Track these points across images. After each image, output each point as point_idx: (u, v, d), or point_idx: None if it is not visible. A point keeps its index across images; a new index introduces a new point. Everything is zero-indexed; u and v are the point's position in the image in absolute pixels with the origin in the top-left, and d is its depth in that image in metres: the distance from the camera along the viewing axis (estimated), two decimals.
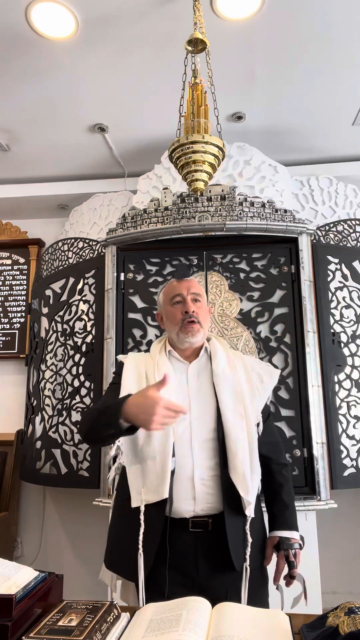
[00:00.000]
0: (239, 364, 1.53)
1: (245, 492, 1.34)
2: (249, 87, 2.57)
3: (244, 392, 1.46)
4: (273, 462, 1.52)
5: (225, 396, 1.44)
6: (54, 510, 3.36)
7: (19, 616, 0.88)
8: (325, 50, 2.30)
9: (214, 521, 1.35)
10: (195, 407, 1.44)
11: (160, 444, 1.37)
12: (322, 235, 2.79)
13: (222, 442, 1.39)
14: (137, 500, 1.36)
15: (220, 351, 1.54)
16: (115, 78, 2.48)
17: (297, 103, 2.69)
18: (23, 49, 2.27)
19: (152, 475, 1.36)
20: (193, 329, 1.49)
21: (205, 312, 1.55)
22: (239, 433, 1.39)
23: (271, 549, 1.44)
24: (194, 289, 1.55)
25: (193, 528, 1.35)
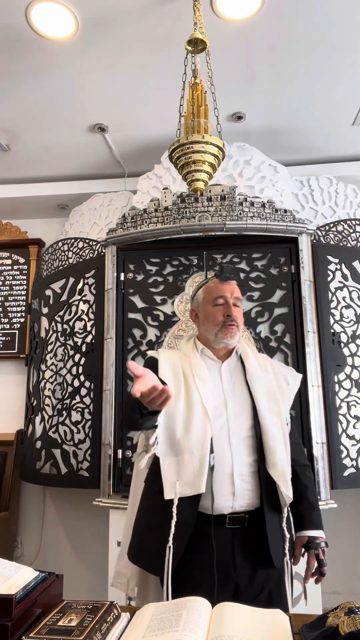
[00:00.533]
0: (268, 365, 1.57)
1: (286, 488, 1.37)
2: (249, 87, 2.57)
3: (275, 391, 1.50)
4: (297, 464, 1.53)
5: (260, 395, 1.47)
6: (54, 510, 3.36)
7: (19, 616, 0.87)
8: (325, 50, 2.30)
9: (251, 517, 1.38)
10: (231, 405, 1.46)
11: (199, 439, 1.39)
12: (322, 235, 2.79)
13: (260, 439, 1.42)
14: (171, 493, 1.37)
15: (250, 353, 1.58)
16: (115, 78, 2.48)
17: (297, 103, 2.69)
18: (23, 49, 2.27)
19: (189, 469, 1.37)
20: (232, 331, 1.53)
21: (242, 317, 1.60)
22: (276, 431, 1.43)
23: (300, 548, 1.46)
24: (236, 294, 1.58)
25: (230, 525, 1.37)
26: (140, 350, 2.63)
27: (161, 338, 2.62)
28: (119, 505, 2.40)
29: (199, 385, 1.46)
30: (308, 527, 1.47)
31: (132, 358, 2.63)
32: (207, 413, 1.41)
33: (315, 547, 1.44)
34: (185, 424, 1.41)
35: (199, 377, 1.49)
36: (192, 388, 1.47)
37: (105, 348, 2.64)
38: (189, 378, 1.49)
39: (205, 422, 1.41)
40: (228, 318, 1.53)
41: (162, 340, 2.61)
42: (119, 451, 2.52)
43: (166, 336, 2.61)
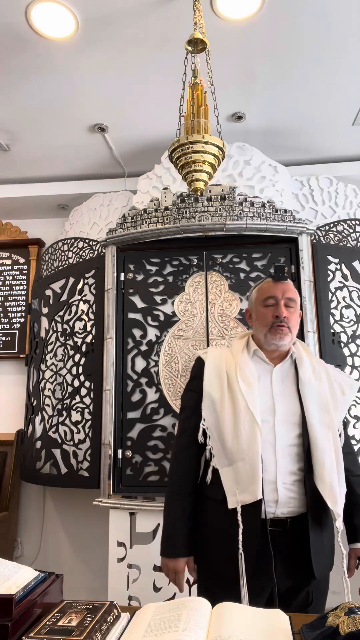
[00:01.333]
0: (323, 373, 1.52)
1: (333, 503, 1.33)
2: (249, 87, 2.56)
3: (329, 403, 1.45)
4: (352, 474, 1.50)
5: (311, 405, 1.43)
6: (54, 510, 3.36)
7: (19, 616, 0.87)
8: (325, 50, 2.30)
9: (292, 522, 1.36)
10: (279, 411, 1.43)
11: (249, 445, 1.37)
12: (322, 235, 2.79)
13: (307, 449, 1.39)
14: (233, 502, 1.36)
15: (305, 358, 1.53)
16: (115, 78, 2.48)
17: (298, 103, 2.69)
18: (23, 49, 2.27)
19: (244, 476, 1.36)
20: (282, 332, 1.48)
21: (296, 318, 1.55)
22: (325, 444, 1.39)
23: (354, 560, 1.44)
24: (289, 294, 1.53)
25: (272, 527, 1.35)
26: (140, 350, 2.63)
27: (161, 338, 2.62)
28: (119, 505, 2.41)
29: (243, 389, 1.43)
30: None
31: (132, 358, 2.63)
32: (254, 417, 1.38)
33: None
34: (234, 431, 1.40)
35: (244, 380, 1.45)
36: (237, 392, 1.43)
37: (105, 348, 2.64)
38: (232, 382, 1.46)
39: (254, 426, 1.38)
40: (277, 319, 1.49)
41: (162, 340, 2.61)
42: (119, 451, 2.52)
43: (166, 336, 2.61)
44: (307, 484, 1.36)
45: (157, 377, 2.58)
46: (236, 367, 1.48)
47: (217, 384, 1.47)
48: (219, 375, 1.49)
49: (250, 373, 1.47)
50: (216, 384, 1.47)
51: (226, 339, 2.55)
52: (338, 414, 1.46)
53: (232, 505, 1.36)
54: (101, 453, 2.54)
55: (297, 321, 1.56)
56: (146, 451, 2.50)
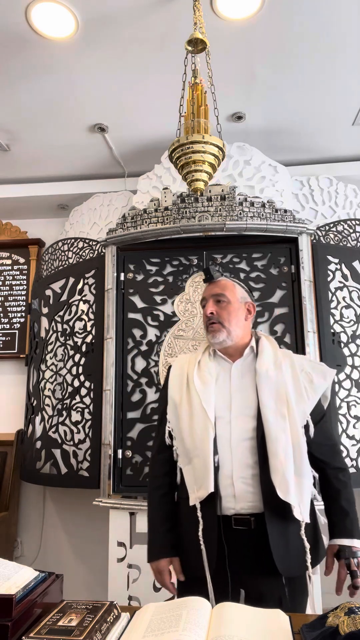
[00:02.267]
0: (285, 363, 1.50)
1: (284, 493, 1.31)
2: (249, 87, 2.57)
3: (288, 393, 1.44)
4: (328, 467, 1.49)
5: (265, 396, 1.42)
6: (54, 510, 3.36)
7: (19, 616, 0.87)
8: (325, 50, 2.30)
9: (257, 520, 1.35)
10: (235, 406, 1.44)
11: (201, 441, 1.39)
12: (322, 235, 2.79)
13: (262, 442, 1.38)
14: (193, 499, 1.39)
15: (266, 351, 1.52)
16: (115, 78, 2.48)
17: (297, 103, 2.69)
18: (23, 49, 2.27)
19: (199, 472, 1.38)
20: (213, 329, 1.51)
21: (232, 311, 1.53)
22: (280, 434, 1.38)
23: (332, 557, 1.41)
24: (215, 290, 1.56)
25: (236, 525, 1.36)
26: (140, 350, 2.63)
27: (161, 338, 2.62)
28: (119, 505, 2.41)
29: (198, 388, 1.46)
30: (340, 535, 1.41)
31: (132, 358, 2.63)
32: (206, 414, 1.41)
33: (347, 557, 1.37)
34: (190, 430, 1.43)
35: (200, 378, 1.48)
36: (192, 392, 1.47)
37: (105, 348, 2.64)
38: (190, 382, 1.49)
39: (206, 422, 1.40)
40: (206, 318, 1.53)
41: (162, 340, 2.61)
42: (119, 451, 2.52)
43: (166, 336, 2.61)
44: (262, 477, 1.36)
45: (157, 377, 2.58)
46: (196, 367, 1.52)
47: (178, 387, 1.51)
48: (181, 378, 1.53)
49: (207, 372, 1.49)
50: (177, 387, 1.52)
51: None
52: (302, 404, 1.44)
53: (191, 502, 1.38)
54: (101, 453, 2.54)
55: (235, 314, 1.53)
56: (146, 451, 2.50)
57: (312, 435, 1.45)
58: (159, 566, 1.44)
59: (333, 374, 1.55)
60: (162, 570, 1.44)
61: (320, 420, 1.50)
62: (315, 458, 1.46)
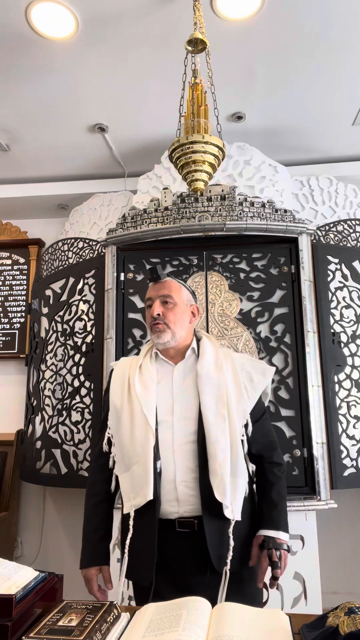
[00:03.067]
0: (226, 364, 1.50)
1: (221, 495, 1.32)
2: (249, 87, 2.56)
3: (229, 393, 1.44)
4: (265, 461, 1.50)
5: (207, 398, 1.42)
6: (54, 510, 3.36)
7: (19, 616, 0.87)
8: (325, 50, 2.30)
9: (200, 522, 1.35)
10: (177, 410, 1.44)
11: (142, 447, 1.38)
12: (322, 235, 2.79)
13: (203, 444, 1.38)
14: (127, 507, 1.39)
15: (208, 352, 1.51)
16: (115, 78, 2.48)
17: (298, 103, 2.69)
18: (23, 49, 2.27)
19: (138, 479, 1.37)
20: (158, 329, 1.49)
21: (177, 313, 1.52)
22: (219, 435, 1.37)
23: (256, 548, 1.41)
24: (163, 291, 1.54)
25: (179, 528, 1.36)
26: (140, 351, 2.63)
27: None
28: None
29: (139, 393, 1.44)
30: (265, 527, 1.42)
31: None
32: (147, 420, 1.39)
33: (269, 548, 1.37)
34: (130, 436, 1.41)
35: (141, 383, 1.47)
36: (133, 397, 1.45)
37: (105, 348, 2.64)
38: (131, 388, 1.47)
39: (147, 429, 1.39)
40: (152, 318, 1.51)
41: None
42: None
43: None
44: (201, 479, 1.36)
45: None
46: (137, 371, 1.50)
47: (120, 392, 1.49)
48: (122, 382, 1.51)
49: (149, 376, 1.48)
50: (119, 392, 1.49)
51: (226, 339, 2.55)
52: (243, 404, 1.44)
53: (126, 510, 1.38)
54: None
55: (181, 316, 1.52)
56: None
57: (249, 434, 1.45)
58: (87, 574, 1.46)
59: (272, 371, 1.56)
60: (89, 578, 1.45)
61: (261, 418, 1.52)
62: (253, 454, 1.48)
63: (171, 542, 1.36)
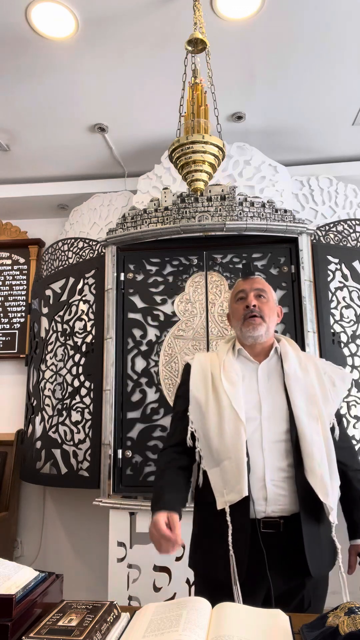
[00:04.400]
0: (310, 365, 1.50)
1: (324, 496, 1.30)
2: (249, 87, 2.56)
3: (317, 394, 1.43)
4: (349, 469, 1.48)
5: (297, 398, 1.41)
6: (54, 510, 3.36)
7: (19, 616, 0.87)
8: (325, 50, 2.30)
9: (286, 523, 1.33)
10: (265, 407, 1.42)
11: (233, 443, 1.36)
12: (322, 235, 2.79)
13: (296, 444, 1.37)
14: (221, 503, 1.34)
15: (291, 352, 1.52)
16: (115, 78, 2.48)
17: (298, 103, 2.69)
18: (23, 49, 2.27)
19: (230, 475, 1.34)
20: (254, 322, 1.48)
21: (270, 308, 1.53)
22: (315, 436, 1.36)
23: (355, 556, 1.42)
24: (257, 285, 1.54)
25: (264, 529, 1.33)
26: (140, 350, 2.63)
27: (161, 338, 2.62)
28: (119, 506, 2.41)
29: (227, 388, 1.42)
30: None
31: (132, 358, 2.63)
32: (238, 415, 1.37)
33: None
34: (219, 431, 1.38)
35: (227, 379, 1.45)
36: (221, 392, 1.43)
37: (105, 348, 2.64)
38: (217, 382, 1.45)
39: (238, 424, 1.37)
40: (247, 309, 1.49)
41: (162, 340, 2.61)
42: (118, 451, 2.52)
43: (166, 336, 2.61)
44: (297, 479, 1.34)
45: (157, 377, 2.58)
46: (220, 367, 1.48)
47: (203, 386, 1.47)
48: (205, 377, 1.49)
49: (234, 372, 1.47)
50: (201, 386, 1.47)
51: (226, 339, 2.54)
52: (329, 406, 1.44)
53: (220, 506, 1.34)
54: (101, 453, 2.54)
55: (273, 312, 1.54)
56: (146, 451, 2.50)
57: (337, 437, 1.44)
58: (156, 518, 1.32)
59: (350, 378, 1.57)
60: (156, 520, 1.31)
61: (339, 423, 1.50)
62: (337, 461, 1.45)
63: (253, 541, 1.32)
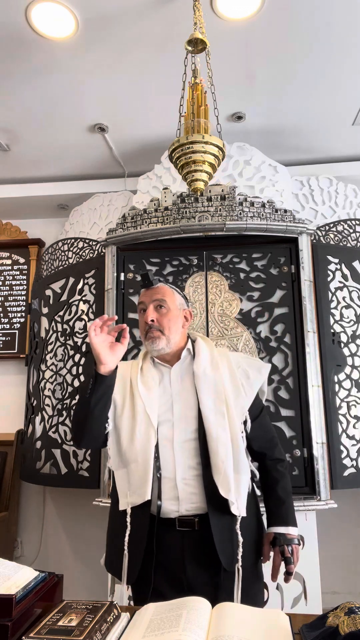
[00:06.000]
0: (222, 362, 1.51)
1: (226, 491, 1.33)
2: (249, 87, 2.56)
3: (227, 391, 1.45)
4: (267, 458, 1.52)
5: (205, 396, 1.43)
6: (54, 510, 3.36)
7: (19, 616, 0.87)
8: (325, 50, 2.30)
9: (201, 520, 1.36)
10: (177, 409, 1.45)
11: (142, 447, 1.39)
12: (322, 235, 2.79)
13: (204, 442, 1.39)
14: (124, 504, 1.39)
15: (203, 352, 1.52)
16: (115, 78, 2.48)
17: (297, 103, 2.69)
18: (23, 49, 2.27)
19: (135, 477, 1.38)
20: (152, 336, 1.48)
21: (171, 318, 1.51)
22: (220, 432, 1.39)
23: (268, 545, 1.43)
24: (156, 296, 1.51)
25: (180, 527, 1.36)
26: (140, 351, 2.63)
27: None
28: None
29: (142, 393, 1.45)
30: (275, 524, 1.44)
31: (132, 358, 2.63)
32: (150, 420, 1.41)
33: (281, 544, 1.39)
34: (130, 434, 1.42)
35: (143, 384, 1.47)
36: (136, 397, 1.46)
37: None
38: (134, 388, 1.48)
39: (149, 429, 1.40)
40: (146, 325, 1.49)
41: None
42: None
43: None
44: (204, 477, 1.37)
45: None
46: (138, 373, 1.51)
47: (121, 390, 1.49)
48: (124, 382, 1.51)
49: (150, 377, 1.49)
50: (120, 389, 1.49)
51: (226, 339, 2.55)
52: (241, 400, 1.46)
53: (122, 507, 1.38)
54: (101, 453, 2.53)
55: (174, 321, 1.51)
56: None
57: (248, 430, 1.47)
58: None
59: (268, 368, 1.58)
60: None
61: (259, 415, 1.53)
62: (254, 451, 1.49)
63: (171, 541, 1.36)
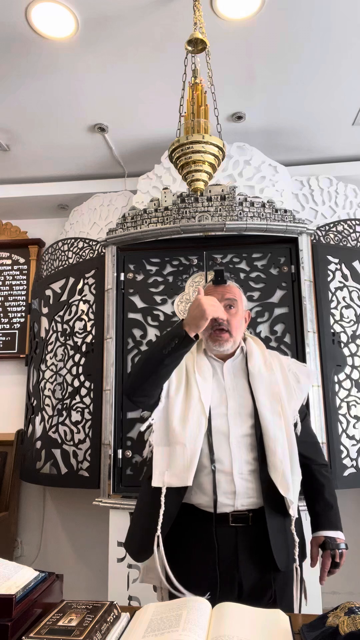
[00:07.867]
0: (275, 363, 1.53)
1: (285, 491, 1.33)
2: (249, 87, 2.56)
3: (281, 392, 1.47)
4: (313, 463, 1.52)
5: (261, 395, 1.44)
6: (54, 510, 3.36)
7: (19, 616, 0.87)
8: (325, 50, 2.30)
9: (255, 516, 1.36)
10: (232, 404, 1.45)
11: (192, 433, 1.38)
12: (322, 235, 2.79)
13: (260, 439, 1.40)
14: (159, 481, 1.37)
15: (256, 351, 1.54)
16: (115, 78, 2.48)
17: (297, 103, 2.69)
18: (23, 49, 2.27)
19: (179, 460, 1.36)
20: (221, 339, 1.49)
21: (239, 319, 1.53)
22: (277, 432, 1.40)
23: (316, 548, 1.45)
24: (228, 295, 1.52)
25: (234, 522, 1.35)
26: (140, 350, 2.63)
27: None
28: (119, 505, 2.41)
29: (199, 381, 1.46)
30: (325, 527, 1.45)
31: (132, 358, 2.63)
32: (203, 409, 1.41)
33: (332, 548, 1.41)
34: (182, 417, 1.41)
35: (200, 373, 1.48)
36: (192, 383, 1.46)
37: (105, 348, 2.64)
38: (190, 374, 1.49)
39: (201, 417, 1.40)
40: (215, 323, 1.48)
41: None
42: (119, 451, 2.51)
43: None
44: (261, 473, 1.37)
45: None
46: (194, 362, 1.52)
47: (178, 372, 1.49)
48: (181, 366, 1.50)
49: (206, 368, 1.50)
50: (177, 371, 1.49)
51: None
52: (293, 403, 1.48)
53: (156, 483, 1.36)
54: (101, 453, 2.54)
55: (241, 322, 1.53)
56: None
57: (298, 433, 1.48)
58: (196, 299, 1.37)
59: (315, 374, 1.60)
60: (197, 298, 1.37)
61: (304, 419, 1.55)
62: (300, 455, 1.49)
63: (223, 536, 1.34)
